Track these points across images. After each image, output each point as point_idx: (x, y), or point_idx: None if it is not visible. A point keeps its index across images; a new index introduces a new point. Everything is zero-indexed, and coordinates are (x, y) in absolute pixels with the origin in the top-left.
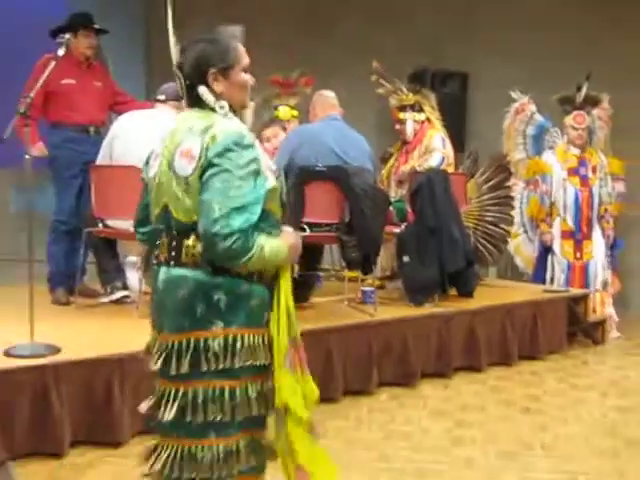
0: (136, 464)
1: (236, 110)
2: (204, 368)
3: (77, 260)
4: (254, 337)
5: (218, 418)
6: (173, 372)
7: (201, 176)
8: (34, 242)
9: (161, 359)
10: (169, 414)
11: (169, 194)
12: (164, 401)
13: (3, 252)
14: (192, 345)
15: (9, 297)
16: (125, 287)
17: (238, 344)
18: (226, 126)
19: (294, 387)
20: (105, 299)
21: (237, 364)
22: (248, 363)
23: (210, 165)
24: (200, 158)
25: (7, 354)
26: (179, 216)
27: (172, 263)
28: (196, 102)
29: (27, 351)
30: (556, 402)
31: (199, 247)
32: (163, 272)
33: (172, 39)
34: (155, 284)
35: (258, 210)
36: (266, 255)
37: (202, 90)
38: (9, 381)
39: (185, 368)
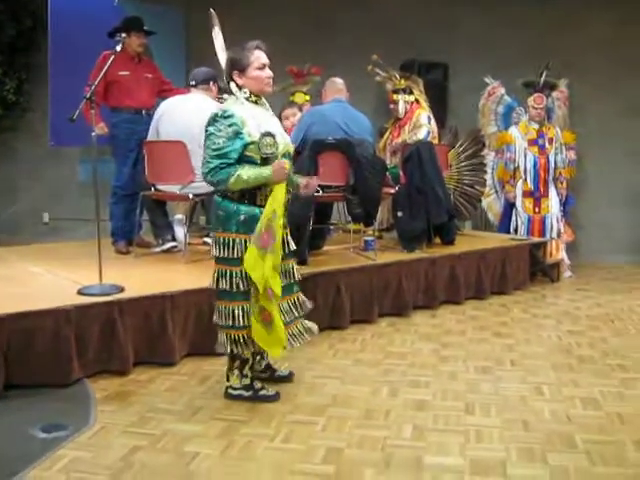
0: (187, 379)
1: (257, 94)
2: (215, 254)
3: (134, 218)
4: (243, 240)
5: (223, 287)
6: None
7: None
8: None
9: None
10: (211, 282)
11: None
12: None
13: (73, 214)
14: (214, 240)
15: (79, 250)
16: (173, 239)
17: (230, 243)
18: (219, 105)
19: (257, 259)
20: (157, 249)
21: (231, 256)
22: (237, 256)
23: (205, 130)
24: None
25: (81, 293)
26: None
27: None
28: (230, 91)
29: (97, 290)
30: (521, 327)
31: None
32: None
33: (220, 53)
34: None
35: (234, 155)
36: (244, 177)
37: (231, 85)
38: (83, 315)
39: (212, 253)
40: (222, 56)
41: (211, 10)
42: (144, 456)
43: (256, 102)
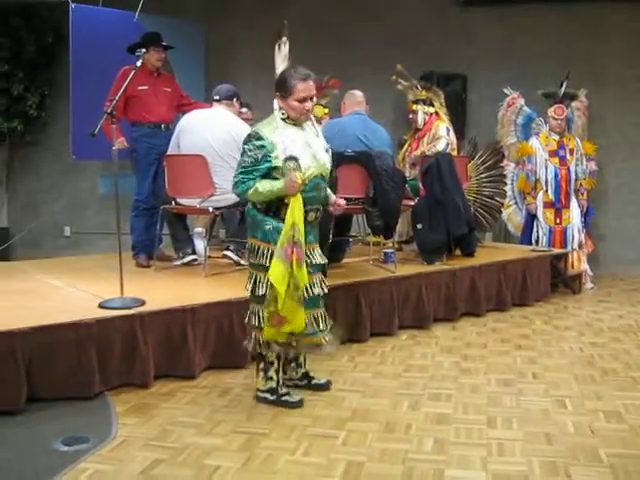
0: (207, 392)
1: (292, 119)
2: (248, 259)
3: (154, 231)
4: (267, 249)
5: (251, 289)
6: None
7: None
8: (119, 218)
9: None
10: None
11: None
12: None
13: (94, 227)
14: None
15: (101, 263)
16: (194, 252)
17: (256, 249)
18: (256, 125)
19: (282, 271)
20: (178, 262)
21: (256, 261)
22: (262, 262)
23: (242, 146)
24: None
25: (102, 306)
26: None
27: None
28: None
29: (118, 304)
30: (543, 339)
31: None
32: None
33: (280, 65)
34: None
35: (256, 173)
36: (260, 189)
37: (275, 101)
38: (104, 328)
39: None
40: (280, 68)
41: (285, 22)
42: (165, 469)
43: (294, 123)
